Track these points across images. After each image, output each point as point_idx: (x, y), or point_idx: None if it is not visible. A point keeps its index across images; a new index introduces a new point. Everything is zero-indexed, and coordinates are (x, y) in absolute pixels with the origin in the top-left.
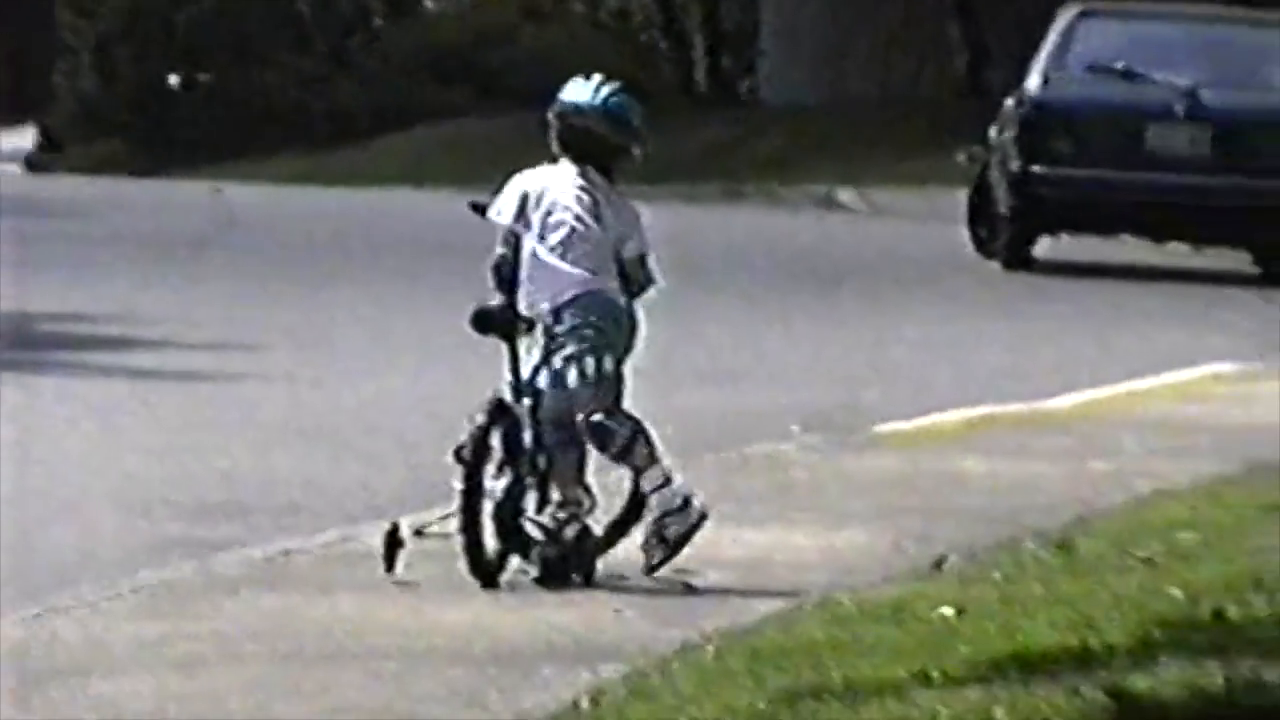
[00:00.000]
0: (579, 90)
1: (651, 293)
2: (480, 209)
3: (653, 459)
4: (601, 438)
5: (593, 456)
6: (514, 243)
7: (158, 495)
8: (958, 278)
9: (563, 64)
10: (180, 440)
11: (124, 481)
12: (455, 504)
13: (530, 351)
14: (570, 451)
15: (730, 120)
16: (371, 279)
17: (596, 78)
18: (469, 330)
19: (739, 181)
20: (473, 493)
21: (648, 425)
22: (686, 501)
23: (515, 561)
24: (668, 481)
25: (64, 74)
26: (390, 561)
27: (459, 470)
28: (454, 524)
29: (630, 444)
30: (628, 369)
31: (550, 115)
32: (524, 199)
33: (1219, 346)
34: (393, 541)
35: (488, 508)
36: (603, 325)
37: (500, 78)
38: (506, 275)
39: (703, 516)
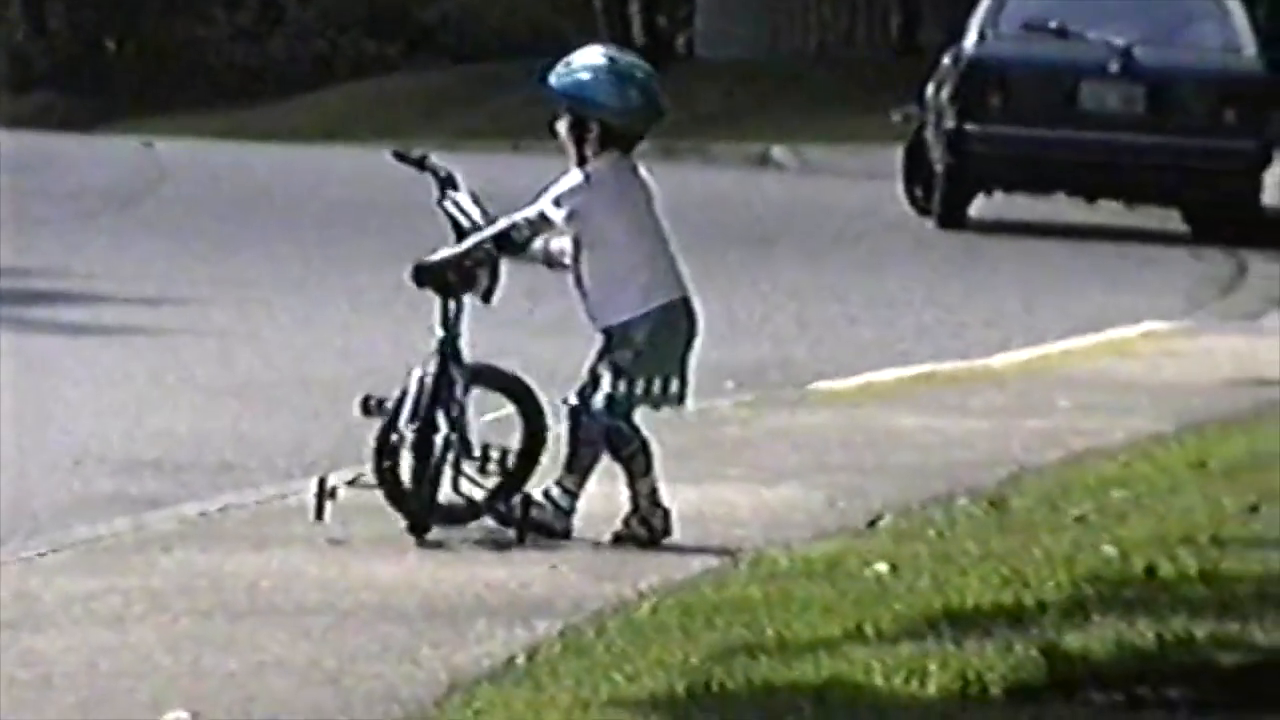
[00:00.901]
0: (606, 81)
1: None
2: (406, 159)
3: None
4: (619, 439)
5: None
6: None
7: (90, 451)
8: (892, 236)
9: (496, 19)
10: (113, 396)
11: (56, 437)
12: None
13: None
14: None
15: (664, 77)
16: (302, 234)
17: (605, 56)
18: (406, 283)
19: (672, 138)
20: (424, 446)
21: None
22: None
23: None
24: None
25: None
26: (320, 511)
27: (391, 424)
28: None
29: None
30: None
31: (574, 112)
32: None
33: (1151, 305)
34: (322, 490)
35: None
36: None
37: (432, 33)
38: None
39: (666, 534)
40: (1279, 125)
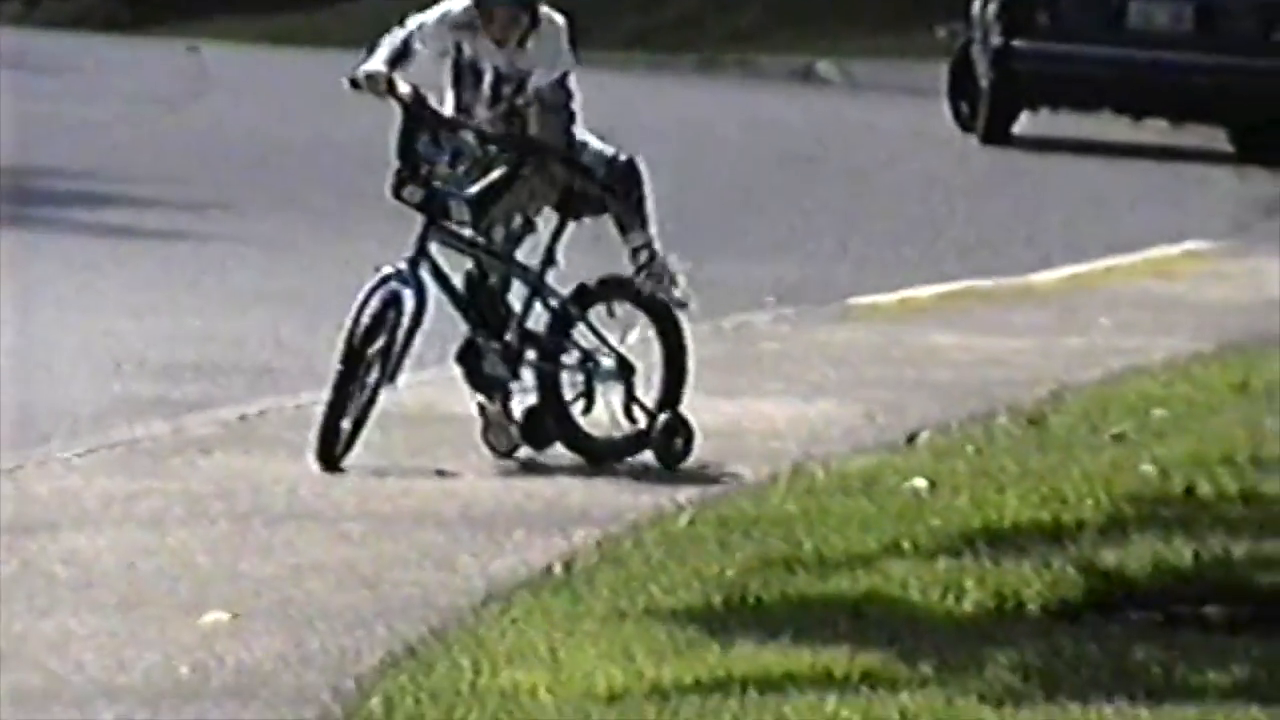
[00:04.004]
0: None
1: None
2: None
3: None
4: None
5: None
6: None
7: (132, 354)
8: (936, 152)
9: None
10: (155, 300)
11: (99, 339)
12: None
13: None
14: None
15: None
16: (347, 141)
17: None
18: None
19: (715, 52)
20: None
21: None
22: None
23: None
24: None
25: None
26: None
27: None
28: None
29: None
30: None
31: None
32: None
33: (1195, 224)
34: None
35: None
36: None
37: None
38: None
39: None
40: None
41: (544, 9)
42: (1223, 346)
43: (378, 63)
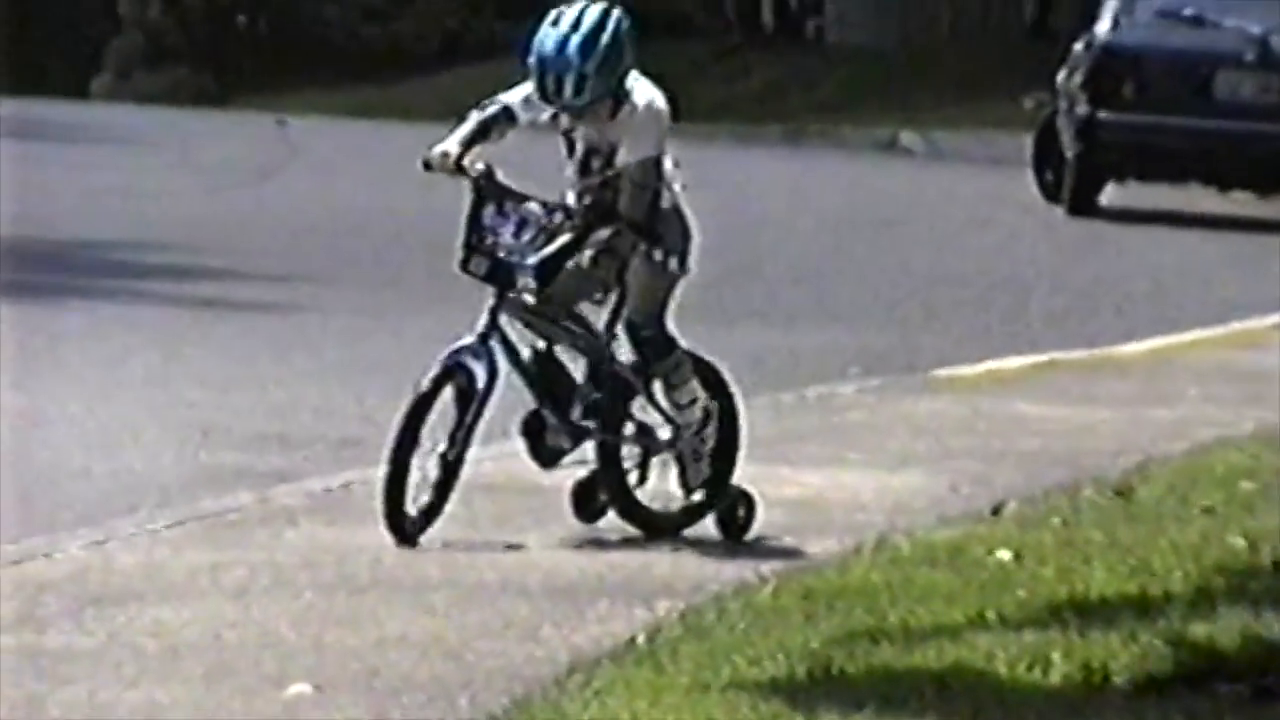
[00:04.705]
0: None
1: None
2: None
3: None
4: None
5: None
6: None
7: (218, 425)
8: (1021, 223)
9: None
10: (241, 371)
11: (184, 411)
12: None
13: None
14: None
15: (794, 61)
16: (432, 214)
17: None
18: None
19: (801, 123)
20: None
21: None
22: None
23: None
24: None
25: (130, 2)
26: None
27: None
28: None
29: None
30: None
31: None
32: None
33: None
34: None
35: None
36: None
37: None
38: None
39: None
40: None
41: (641, 95)
42: None
43: (451, 142)
